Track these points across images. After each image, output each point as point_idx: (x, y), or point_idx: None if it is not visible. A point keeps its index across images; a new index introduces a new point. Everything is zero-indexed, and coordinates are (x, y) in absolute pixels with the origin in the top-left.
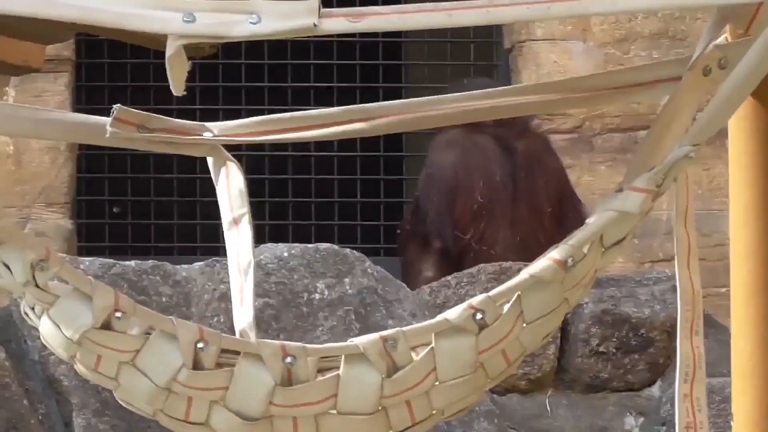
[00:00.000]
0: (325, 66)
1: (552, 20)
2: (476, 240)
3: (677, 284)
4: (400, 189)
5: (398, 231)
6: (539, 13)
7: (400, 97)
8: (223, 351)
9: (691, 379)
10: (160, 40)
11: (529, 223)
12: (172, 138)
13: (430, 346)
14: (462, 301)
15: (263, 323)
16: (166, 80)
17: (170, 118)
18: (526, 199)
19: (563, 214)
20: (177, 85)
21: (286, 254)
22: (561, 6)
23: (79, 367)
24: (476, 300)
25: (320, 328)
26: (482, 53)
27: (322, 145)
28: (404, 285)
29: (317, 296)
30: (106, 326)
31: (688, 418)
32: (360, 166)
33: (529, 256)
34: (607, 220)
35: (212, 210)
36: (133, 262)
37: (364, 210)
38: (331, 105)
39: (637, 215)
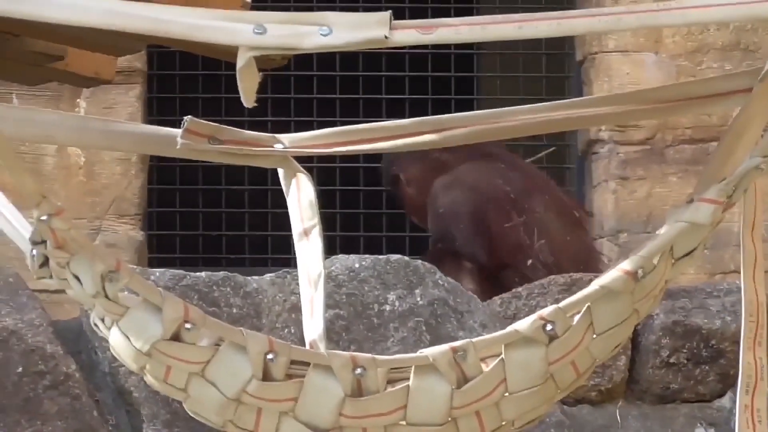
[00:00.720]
0: (397, 78)
1: (623, 32)
2: (523, 254)
3: (742, 295)
4: None
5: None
6: (610, 24)
7: (472, 109)
8: (293, 362)
9: (753, 390)
10: (231, 51)
11: (560, 230)
12: (242, 149)
13: (500, 357)
14: (532, 312)
15: (334, 334)
16: (237, 92)
17: (241, 130)
18: (552, 207)
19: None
20: (248, 97)
21: (357, 265)
22: (631, 17)
23: (149, 378)
24: (546, 311)
25: (391, 340)
26: (554, 65)
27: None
28: (475, 296)
29: (388, 307)
30: (176, 337)
31: (748, 429)
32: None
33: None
34: (678, 231)
35: (283, 221)
36: (203, 274)
37: None
38: (403, 117)
39: (707, 226)
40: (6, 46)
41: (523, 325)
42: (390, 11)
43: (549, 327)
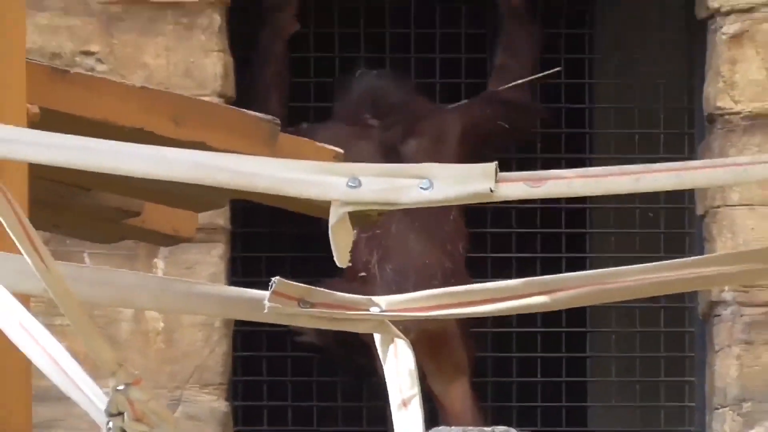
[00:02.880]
0: (503, 234)
1: (749, 183)
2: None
3: None
4: (584, 367)
5: None
6: (735, 176)
7: (584, 268)
8: None
9: None
10: (324, 207)
11: (425, 220)
12: (335, 313)
13: None
14: None
15: None
16: (330, 251)
17: (334, 292)
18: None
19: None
20: (341, 256)
21: None
22: (757, 168)
23: None
24: None
25: None
26: (673, 219)
27: (499, 319)
28: None
29: None
30: None
31: None
32: (540, 342)
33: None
34: None
35: (380, 390)
36: None
37: (544, 388)
38: (510, 276)
39: None
40: (76, 201)
41: None
42: (496, 162)
43: None
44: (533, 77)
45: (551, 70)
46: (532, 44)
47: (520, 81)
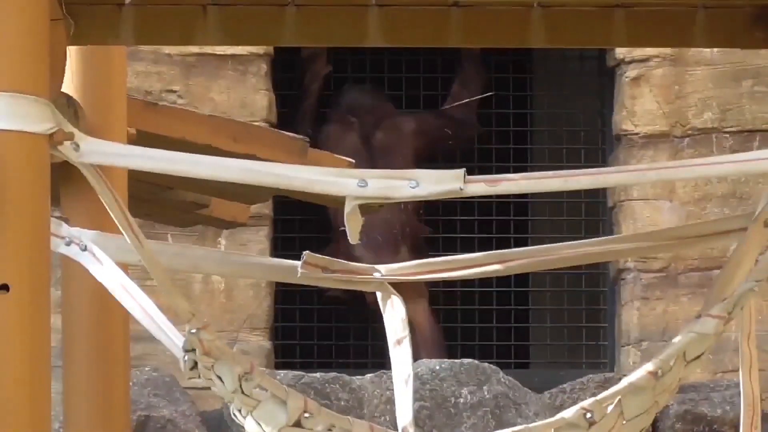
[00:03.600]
0: (468, 221)
1: (645, 184)
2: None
3: (741, 390)
4: (527, 316)
5: None
6: (636, 178)
7: (527, 245)
8: None
9: None
10: (340, 200)
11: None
12: (349, 277)
13: None
14: (575, 403)
15: (420, 422)
16: (345, 232)
17: (348, 262)
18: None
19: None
20: (353, 236)
21: (437, 367)
22: (653, 173)
23: None
24: (586, 402)
25: (464, 425)
26: (591, 210)
27: (465, 282)
28: (529, 391)
29: (462, 400)
30: (297, 424)
31: None
32: (496, 298)
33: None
34: (689, 340)
35: (381, 332)
36: (318, 374)
37: (498, 332)
38: (473, 251)
39: (712, 336)
40: (162, 197)
41: (568, 413)
42: (464, 169)
43: (588, 415)
44: (472, 99)
45: (486, 94)
46: (479, 81)
47: (462, 102)
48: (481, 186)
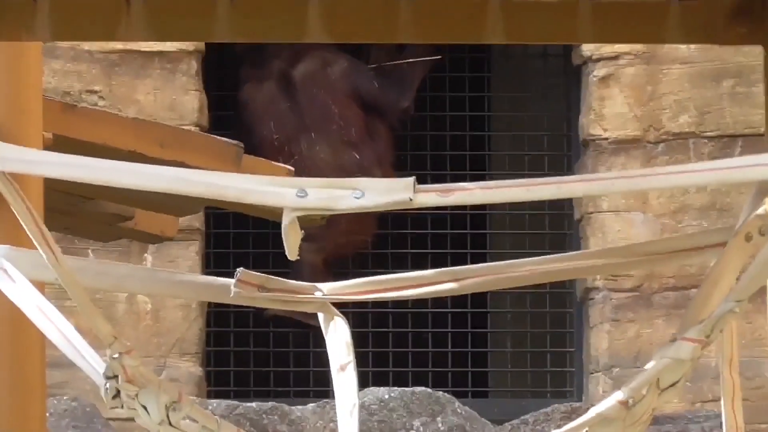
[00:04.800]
0: (421, 235)
1: (615, 194)
2: None
3: (723, 421)
4: (485, 340)
5: None
6: (604, 188)
7: (485, 261)
8: None
9: None
10: (277, 212)
11: (318, 144)
12: (288, 297)
13: None
14: None
15: None
16: (283, 247)
17: (286, 280)
18: (312, 124)
19: (364, 122)
20: (292, 251)
21: (386, 396)
22: (623, 182)
23: None
24: None
25: None
26: (556, 223)
27: (418, 302)
28: (488, 422)
29: None
30: None
31: None
32: (451, 320)
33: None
34: (663, 366)
35: (323, 358)
36: (254, 404)
37: (454, 358)
38: (426, 268)
39: (688, 362)
40: (82, 208)
41: None
42: (414, 177)
43: None
44: (417, 59)
45: (433, 57)
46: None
47: (402, 61)
48: (432, 196)
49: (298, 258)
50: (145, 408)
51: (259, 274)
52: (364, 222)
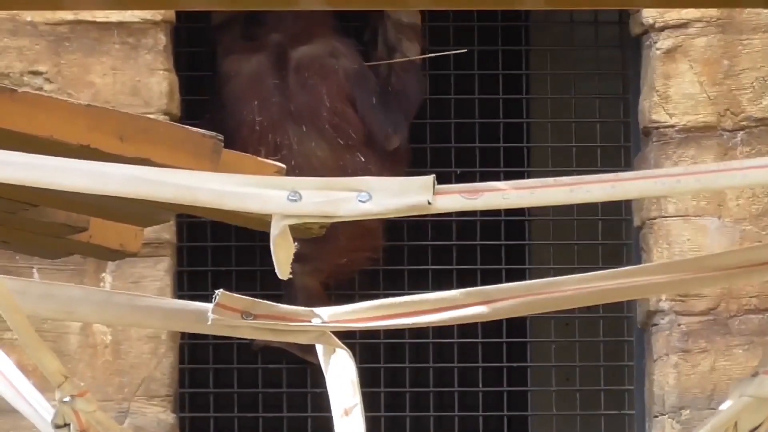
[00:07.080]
0: (444, 247)
1: (683, 195)
2: None
3: None
4: (525, 377)
5: None
6: (668, 187)
7: (523, 279)
8: None
9: None
10: (266, 220)
11: (310, 134)
12: (278, 325)
13: None
14: None
15: None
16: (272, 264)
17: (276, 304)
18: (304, 111)
19: (357, 115)
20: (282, 268)
21: None
22: (690, 179)
23: None
24: None
25: None
26: (611, 231)
27: (440, 330)
28: None
29: None
30: None
31: None
32: (482, 352)
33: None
34: (743, 406)
35: (323, 400)
36: None
37: (486, 399)
38: (451, 288)
39: None
40: (23, 217)
41: None
42: (434, 175)
43: None
44: (441, 53)
45: (458, 51)
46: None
47: (424, 56)
48: (457, 198)
49: (291, 277)
50: None
51: (243, 297)
52: (371, 234)
